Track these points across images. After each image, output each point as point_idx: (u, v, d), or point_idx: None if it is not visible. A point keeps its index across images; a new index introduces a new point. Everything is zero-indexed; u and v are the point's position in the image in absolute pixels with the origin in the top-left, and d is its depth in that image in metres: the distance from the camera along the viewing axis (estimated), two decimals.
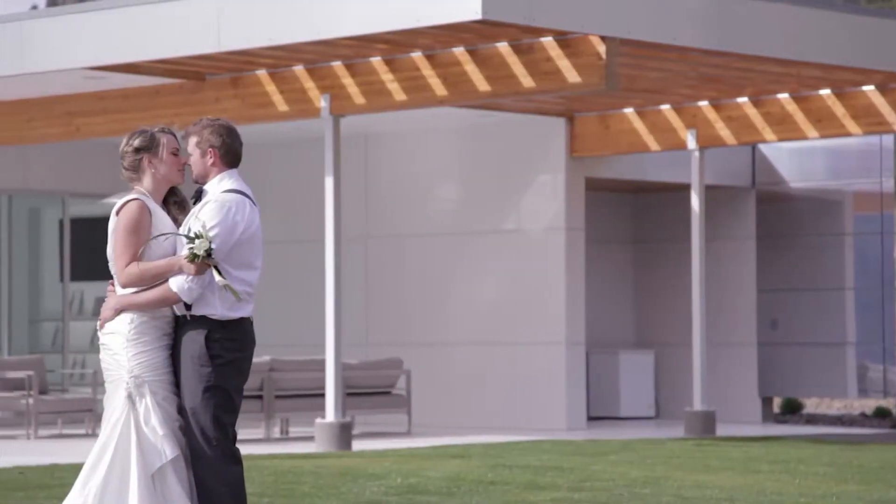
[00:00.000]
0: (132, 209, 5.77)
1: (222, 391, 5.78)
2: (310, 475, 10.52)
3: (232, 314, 5.81)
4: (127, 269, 5.74)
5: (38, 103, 15.45)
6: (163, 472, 5.73)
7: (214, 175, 5.86)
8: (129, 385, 5.75)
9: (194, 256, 5.66)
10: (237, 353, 5.82)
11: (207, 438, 5.74)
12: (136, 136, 5.89)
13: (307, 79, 13.96)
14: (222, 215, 5.75)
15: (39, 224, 19.07)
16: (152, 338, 5.79)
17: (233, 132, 5.90)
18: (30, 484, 10.18)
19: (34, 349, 18.42)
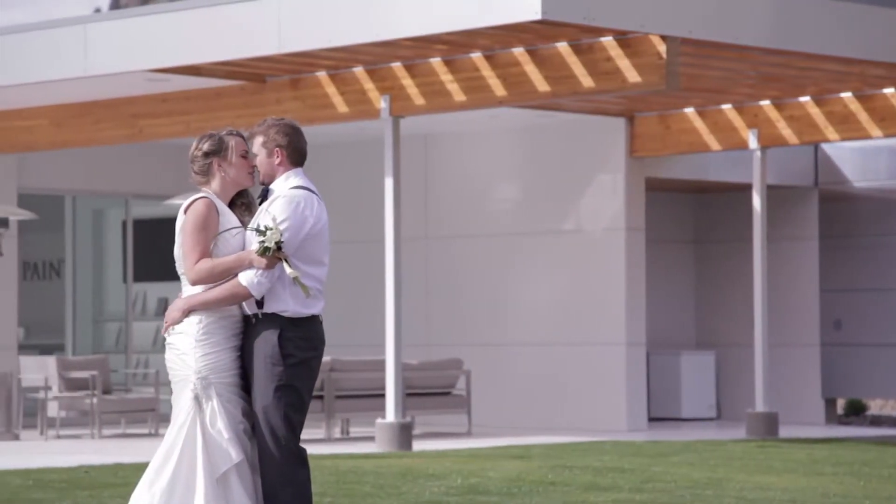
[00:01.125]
0: (199, 207, 5.79)
1: (294, 390, 5.78)
2: (371, 475, 10.54)
3: (304, 311, 5.79)
4: (197, 265, 5.74)
5: (102, 105, 15.60)
6: (226, 476, 5.73)
7: (281, 174, 5.89)
8: (195, 387, 5.74)
9: (265, 249, 5.66)
10: (309, 351, 5.82)
11: (277, 438, 5.75)
12: (206, 140, 5.90)
13: (367, 80, 14.00)
14: (291, 209, 5.76)
15: (103, 225, 19.25)
16: (220, 338, 5.78)
17: (298, 131, 5.92)
18: (94, 483, 10.28)
19: (98, 349, 18.59)
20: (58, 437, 15.45)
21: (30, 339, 18.32)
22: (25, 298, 17.96)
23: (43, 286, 18.70)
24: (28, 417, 16.52)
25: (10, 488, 9.97)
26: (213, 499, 5.67)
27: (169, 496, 5.68)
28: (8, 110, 16.09)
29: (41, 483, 10.27)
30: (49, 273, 18.77)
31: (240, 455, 5.74)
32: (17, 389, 15.88)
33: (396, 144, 13.82)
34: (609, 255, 16.76)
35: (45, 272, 18.76)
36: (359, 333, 17.77)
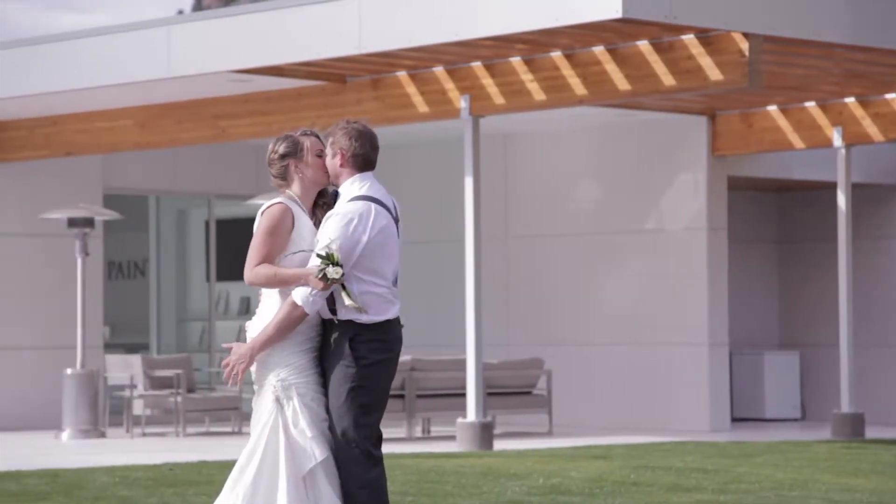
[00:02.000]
0: (274, 211, 5.81)
1: (366, 392, 5.80)
2: (452, 474, 10.55)
3: (377, 318, 5.82)
4: (257, 267, 5.77)
5: (186, 106, 15.75)
6: (313, 474, 5.75)
7: (345, 178, 5.88)
8: (276, 388, 5.78)
9: (325, 277, 5.69)
10: (383, 353, 5.85)
11: (348, 439, 5.78)
12: (281, 143, 5.92)
13: (447, 80, 14.02)
14: (342, 229, 5.73)
15: (186, 225, 19.44)
16: (297, 340, 5.82)
17: (364, 136, 5.88)
18: (179, 480, 10.38)
19: (182, 348, 18.78)
20: (143, 435, 15.62)
21: (115, 337, 18.54)
22: (111, 298, 18.18)
23: (128, 285, 18.92)
24: (114, 415, 16.73)
25: (98, 485, 10.10)
26: (297, 498, 5.70)
27: (251, 497, 5.71)
28: (93, 111, 16.30)
29: (127, 480, 10.39)
30: (134, 272, 18.99)
31: (324, 453, 5.76)
32: (103, 388, 16.08)
33: (476, 144, 13.82)
34: (691, 254, 16.65)
35: (130, 272, 18.98)
36: (439, 333, 17.79)
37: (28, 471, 11.22)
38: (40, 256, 17.26)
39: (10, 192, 17.12)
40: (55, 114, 16.52)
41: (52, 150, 16.73)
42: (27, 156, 16.90)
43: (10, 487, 10.05)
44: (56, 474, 10.90)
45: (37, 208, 16.77)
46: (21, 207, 17.10)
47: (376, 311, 5.82)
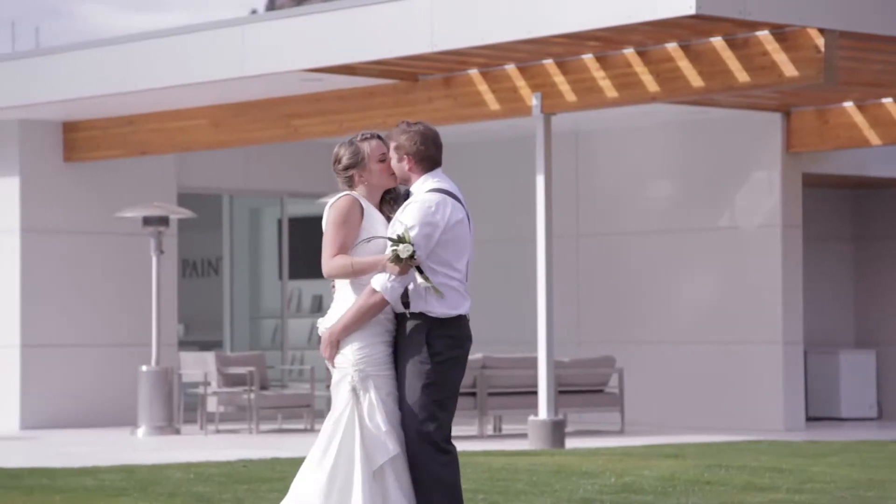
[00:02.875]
0: (342, 203, 5.86)
1: (440, 388, 5.82)
2: (524, 472, 10.54)
3: (450, 311, 5.84)
4: (333, 259, 5.81)
5: (258, 106, 15.85)
6: (382, 469, 5.79)
7: (415, 178, 5.93)
8: (353, 379, 5.81)
9: (398, 259, 5.72)
10: (456, 350, 5.87)
11: (422, 436, 5.79)
12: (343, 153, 5.94)
13: (518, 77, 14.00)
14: (421, 215, 5.79)
15: (259, 224, 19.56)
16: (374, 332, 5.84)
17: (427, 137, 5.91)
18: (253, 477, 10.44)
19: (255, 346, 18.90)
20: (217, 432, 15.74)
21: (189, 335, 18.69)
22: (185, 296, 18.33)
23: (201, 284, 19.07)
24: (188, 412, 16.87)
25: (173, 481, 10.19)
26: (370, 492, 5.73)
27: (328, 488, 5.75)
28: (168, 111, 16.44)
29: (202, 476, 10.47)
30: (207, 271, 19.13)
31: (397, 448, 5.78)
32: (177, 385, 16.23)
33: (548, 142, 13.80)
34: (765, 252, 16.51)
35: (204, 270, 19.13)
36: (511, 331, 17.78)
37: (105, 466, 11.34)
38: (116, 255, 17.45)
39: (87, 191, 17.32)
40: (130, 113, 16.69)
41: (127, 150, 16.90)
42: (103, 155, 17.09)
43: (88, 483, 10.17)
44: (132, 470, 11.01)
45: (112, 207, 16.95)
46: (97, 206, 17.29)
47: (450, 305, 5.84)
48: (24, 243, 16.90)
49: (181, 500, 9.11)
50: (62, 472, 10.95)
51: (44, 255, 17.02)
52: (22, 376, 16.79)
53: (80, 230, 17.31)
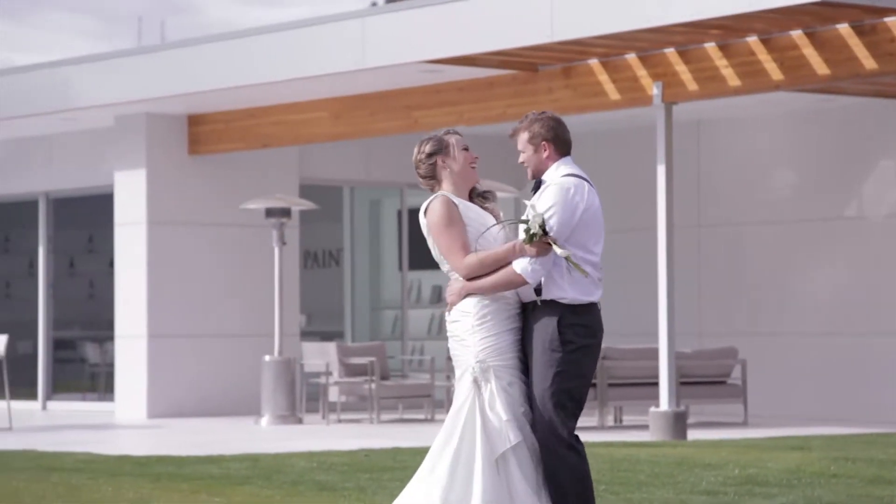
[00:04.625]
0: (436, 205, 5.85)
1: (571, 377, 5.80)
2: (645, 464, 10.48)
3: (583, 298, 5.80)
4: (465, 262, 5.80)
5: (378, 97, 15.94)
6: (505, 459, 5.78)
7: (549, 164, 5.91)
8: (474, 370, 5.82)
9: (531, 236, 5.70)
10: (589, 338, 5.83)
11: (553, 425, 5.78)
12: (426, 143, 5.96)
13: (639, 67, 13.90)
14: (561, 196, 5.78)
15: (379, 215, 19.69)
16: (497, 321, 5.84)
17: (561, 122, 5.94)
18: (374, 466, 10.52)
19: (375, 336, 19.03)
20: (338, 421, 15.88)
21: (311, 325, 18.88)
22: (306, 286, 18.52)
23: (323, 274, 19.24)
24: (310, 402, 17.05)
25: (296, 470, 10.31)
26: (492, 482, 5.73)
27: (450, 479, 5.77)
28: (289, 104, 16.61)
29: (324, 465, 10.58)
30: (328, 262, 19.30)
31: (518, 437, 5.78)
32: (300, 375, 16.39)
33: (669, 131, 13.68)
34: (892, 242, 16.21)
35: (325, 261, 19.30)
36: (631, 322, 17.68)
37: (229, 455, 11.51)
38: (239, 246, 17.67)
39: (211, 183, 17.57)
40: (252, 106, 16.89)
41: (249, 143, 17.11)
42: (225, 148, 17.32)
43: (213, 471, 10.32)
44: (256, 459, 11.15)
45: (236, 199, 17.17)
46: (221, 198, 17.53)
47: (583, 291, 5.80)
48: (150, 235, 17.19)
49: (304, 489, 9.21)
50: (188, 461, 11.13)
51: (169, 246, 17.30)
52: (149, 366, 17.09)
53: (205, 222, 17.56)
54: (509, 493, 5.77)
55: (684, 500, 8.53)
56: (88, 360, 18.82)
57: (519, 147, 5.94)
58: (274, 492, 9.08)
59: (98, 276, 18.59)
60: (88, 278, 18.92)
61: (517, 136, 5.93)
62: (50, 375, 18.79)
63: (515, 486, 5.77)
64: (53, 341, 18.83)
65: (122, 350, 17.31)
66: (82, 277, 18.98)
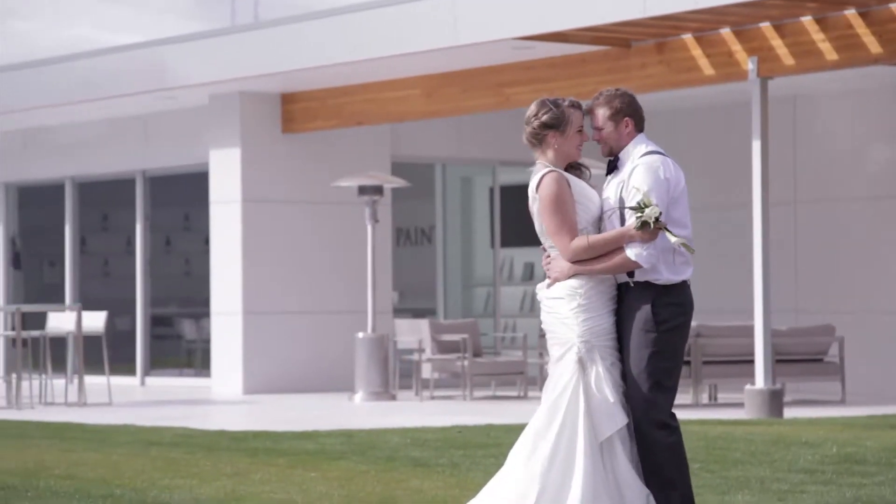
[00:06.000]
0: (550, 184, 5.81)
1: (666, 356, 5.79)
2: (741, 442, 10.41)
3: (675, 277, 5.81)
4: (572, 245, 5.77)
5: (469, 74, 15.93)
6: (611, 442, 5.75)
7: (628, 140, 5.89)
8: (580, 350, 5.78)
9: (645, 224, 5.69)
10: (682, 317, 5.83)
11: (650, 405, 5.77)
12: (546, 111, 5.87)
13: (734, 41, 13.76)
14: (653, 176, 5.78)
15: (471, 192, 19.69)
16: (600, 303, 5.82)
17: (636, 99, 5.94)
18: (468, 442, 10.56)
19: (468, 313, 19.06)
20: (431, 398, 15.95)
21: (403, 303, 18.95)
22: (399, 264, 18.59)
23: (415, 252, 19.30)
24: (403, 378, 17.13)
25: (390, 446, 10.37)
26: (594, 463, 5.70)
27: (551, 459, 5.75)
28: (381, 81, 16.66)
29: (418, 441, 10.63)
30: (420, 239, 19.35)
31: (624, 419, 5.75)
32: (393, 351, 16.48)
33: (764, 106, 13.54)
34: None
35: (417, 238, 19.35)
36: (726, 299, 17.54)
37: (324, 431, 11.61)
38: (332, 224, 17.78)
39: (304, 161, 17.68)
40: (345, 84, 16.96)
41: (342, 121, 17.20)
42: (318, 126, 17.41)
43: (308, 447, 10.42)
44: (350, 435, 11.24)
45: (328, 177, 17.27)
46: (314, 176, 17.64)
47: (676, 271, 5.81)
48: (244, 213, 17.35)
49: (399, 465, 9.27)
50: (285, 436, 11.25)
51: (263, 224, 17.45)
52: (244, 342, 17.27)
53: (298, 200, 17.69)
54: (614, 476, 5.73)
55: (781, 478, 8.47)
56: (185, 336, 19.07)
57: (598, 124, 5.92)
58: (369, 467, 9.15)
59: (194, 253, 18.81)
60: (185, 256, 19.15)
61: (595, 111, 5.91)
62: (148, 351, 19.06)
63: (620, 469, 5.74)
64: (151, 318, 19.10)
65: (218, 327, 17.50)
66: (179, 255, 19.22)
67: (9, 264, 20.65)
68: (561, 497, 5.68)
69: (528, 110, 5.91)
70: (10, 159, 20.49)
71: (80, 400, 15.14)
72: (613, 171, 5.92)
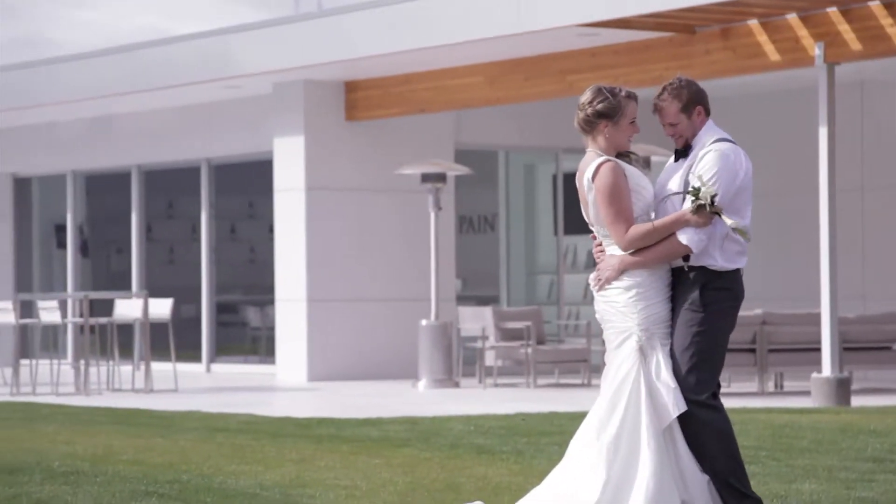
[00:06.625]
0: (607, 174, 5.79)
1: (709, 337, 5.80)
2: (808, 430, 10.33)
3: (729, 265, 5.84)
4: (628, 235, 5.77)
5: (533, 62, 15.89)
6: (671, 429, 5.75)
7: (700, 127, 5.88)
8: (640, 338, 5.79)
9: (699, 207, 5.68)
10: (731, 301, 5.86)
11: (690, 385, 5.78)
12: (602, 100, 5.83)
13: (800, 27, 13.63)
14: (722, 162, 5.78)
15: (534, 179, 19.66)
16: (657, 290, 5.82)
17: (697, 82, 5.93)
18: (532, 430, 10.55)
19: (531, 301, 19.04)
20: (495, 385, 15.95)
21: (467, 290, 18.96)
22: (462, 251, 18.60)
23: (478, 239, 19.30)
24: (467, 366, 17.14)
25: (454, 433, 10.38)
26: (658, 449, 5.70)
27: (615, 446, 5.74)
28: (445, 69, 16.65)
29: (482, 429, 10.64)
30: (484, 227, 19.35)
31: (685, 406, 5.75)
32: (456, 339, 16.49)
33: (831, 92, 13.40)
34: None
35: (480, 226, 19.35)
36: (792, 286, 17.40)
37: (388, 418, 11.64)
38: (396, 211, 17.81)
39: (367, 149, 17.72)
40: (408, 72, 16.97)
41: (405, 108, 17.21)
42: (382, 114, 17.44)
43: (372, 433, 10.45)
44: (414, 422, 11.26)
45: (392, 165, 17.29)
46: (377, 164, 17.68)
47: (730, 259, 5.84)
48: (309, 201, 17.42)
49: (462, 451, 9.28)
50: (348, 423, 11.29)
51: (327, 212, 17.51)
52: (308, 330, 17.35)
53: (362, 187, 17.73)
54: (675, 460, 5.73)
55: (849, 466, 8.39)
56: (250, 323, 19.18)
57: (670, 120, 5.88)
58: (432, 454, 9.16)
59: (258, 240, 18.91)
60: (249, 243, 19.26)
61: (664, 108, 5.86)
62: (213, 338, 19.20)
63: (681, 452, 5.74)
64: (216, 305, 19.23)
65: (283, 314, 17.59)
66: (243, 242, 19.33)
67: (77, 252, 20.87)
68: (625, 486, 5.67)
69: (583, 96, 5.88)
70: (77, 148, 20.70)
71: (147, 386, 15.28)
72: (683, 157, 5.91)
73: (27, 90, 19.36)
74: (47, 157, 21.01)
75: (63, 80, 18.96)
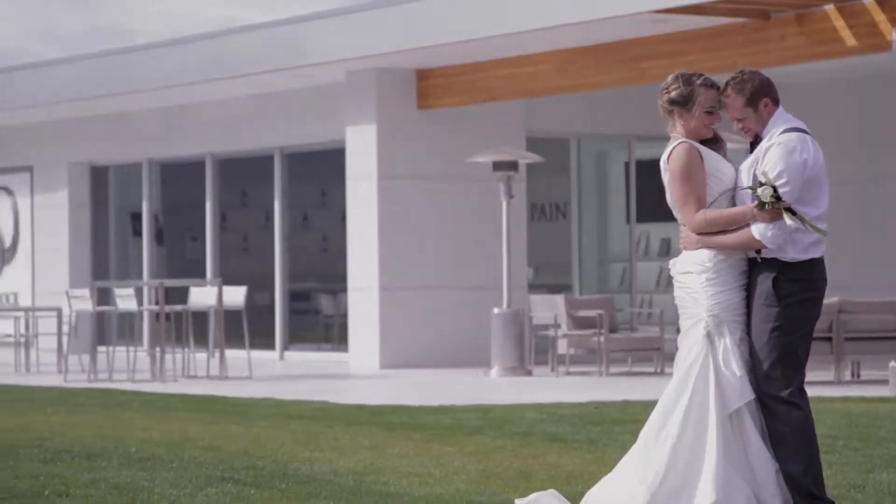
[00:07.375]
0: (680, 155, 5.77)
1: (788, 332, 5.74)
2: (885, 419, 10.23)
3: (802, 256, 5.76)
4: (696, 217, 5.77)
5: (604, 49, 15.82)
6: (740, 416, 5.73)
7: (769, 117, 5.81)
8: (708, 324, 5.77)
9: (762, 205, 5.64)
10: (808, 292, 5.76)
11: (770, 381, 5.72)
12: (675, 88, 5.82)
13: (877, 11, 13.46)
14: (787, 156, 5.70)
15: (606, 167, 19.58)
16: (729, 277, 5.79)
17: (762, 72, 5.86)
18: (605, 418, 10.52)
19: (603, 289, 18.98)
20: (567, 374, 15.92)
21: (539, 278, 18.94)
22: (534, 239, 18.57)
23: (550, 227, 19.26)
24: (539, 354, 17.12)
25: (527, 421, 10.39)
26: (725, 436, 5.68)
27: (680, 434, 5.73)
28: (515, 56, 16.62)
29: (554, 417, 10.63)
30: (555, 215, 19.31)
31: (752, 393, 5.72)
32: (528, 327, 16.48)
33: None
34: None
35: (552, 214, 19.31)
36: (870, 274, 17.21)
37: (461, 406, 11.66)
38: (467, 199, 17.81)
39: (439, 137, 17.73)
40: (478, 60, 16.95)
41: (475, 96, 17.20)
42: (453, 102, 17.44)
43: (445, 421, 10.48)
44: (487, 409, 11.27)
45: (463, 153, 17.29)
46: (449, 152, 17.68)
47: (802, 250, 5.76)
48: (380, 189, 17.46)
49: (535, 440, 9.28)
50: (421, 410, 11.33)
51: (399, 200, 17.55)
52: (381, 318, 17.40)
53: (433, 176, 17.75)
54: (744, 449, 5.71)
55: None
56: (323, 311, 19.28)
57: (737, 115, 5.83)
58: (505, 442, 9.17)
59: (331, 229, 19.00)
60: (322, 231, 19.35)
61: (729, 104, 5.80)
62: (287, 326, 19.32)
63: (750, 441, 5.72)
64: (289, 293, 19.35)
65: (355, 302, 17.66)
66: (316, 231, 19.43)
67: (152, 240, 21.07)
68: (691, 472, 5.66)
69: (664, 81, 5.87)
70: (152, 137, 20.89)
71: (222, 373, 15.41)
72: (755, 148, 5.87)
73: (104, 80, 19.56)
74: (123, 146, 21.23)
75: (139, 69, 19.14)
